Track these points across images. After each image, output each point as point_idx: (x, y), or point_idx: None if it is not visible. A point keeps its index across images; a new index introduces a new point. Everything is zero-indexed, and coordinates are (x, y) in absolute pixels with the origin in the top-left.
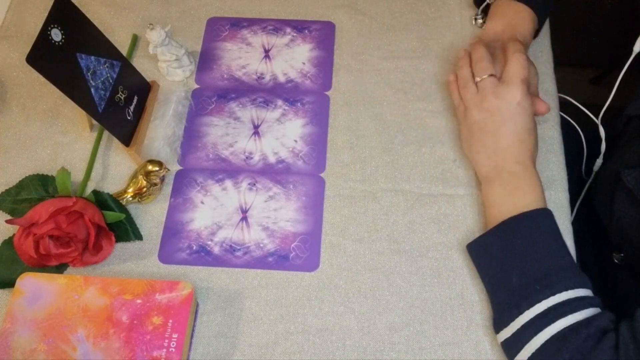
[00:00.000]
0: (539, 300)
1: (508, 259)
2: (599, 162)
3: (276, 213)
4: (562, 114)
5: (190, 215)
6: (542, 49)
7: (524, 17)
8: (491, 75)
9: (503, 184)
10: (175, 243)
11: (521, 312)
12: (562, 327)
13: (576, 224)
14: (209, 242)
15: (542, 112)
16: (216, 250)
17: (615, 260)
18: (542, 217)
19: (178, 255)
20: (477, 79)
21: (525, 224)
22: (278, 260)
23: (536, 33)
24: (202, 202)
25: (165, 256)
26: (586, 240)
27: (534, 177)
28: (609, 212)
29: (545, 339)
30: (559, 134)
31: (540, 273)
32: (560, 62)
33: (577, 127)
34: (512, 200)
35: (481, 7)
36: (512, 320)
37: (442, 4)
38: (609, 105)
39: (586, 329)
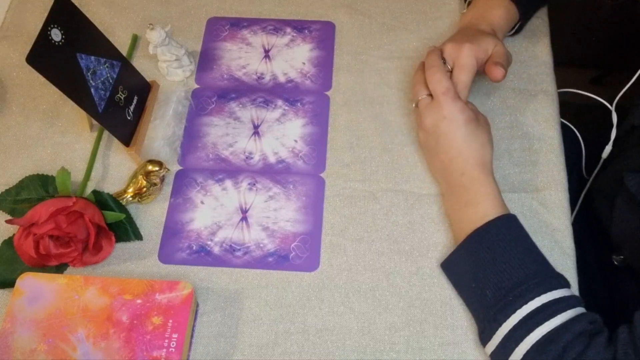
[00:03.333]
0: (513, 311)
1: (480, 273)
2: (608, 148)
3: (276, 213)
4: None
5: (190, 215)
6: (542, 49)
7: (495, 6)
8: (427, 95)
9: (456, 198)
10: (175, 243)
11: (499, 325)
12: (539, 336)
13: (576, 225)
14: (209, 242)
15: (496, 77)
16: (216, 250)
17: (615, 262)
18: (503, 224)
19: (178, 255)
20: (415, 103)
21: (487, 236)
22: (278, 260)
23: (522, 25)
24: (202, 202)
25: (165, 256)
26: (586, 241)
27: (485, 185)
28: (609, 215)
29: (526, 349)
30: (558, 134)
31: (511, 283)
32: (560, 62)
33: (574, 128)
34: (467, 214)
35: (467, 2)
36: (493, 333)
37: (442, 4)
38: (601, 105)
39: (564, 335)
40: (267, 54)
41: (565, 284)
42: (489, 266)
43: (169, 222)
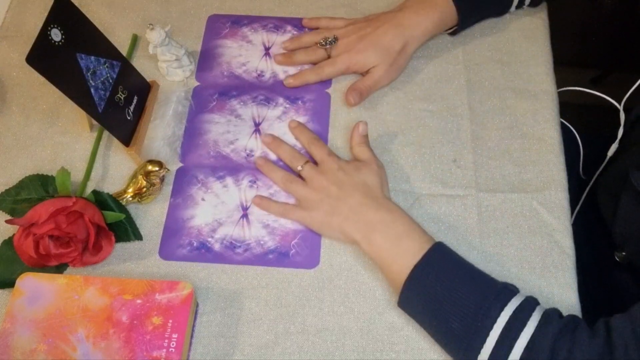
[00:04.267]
0: (487, 334)
1: (437, 308)
2: (614, 147)
3: None
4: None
5: (191, 212)
6: (542, 49)
7: (432, 6)
8: (306, 162)
9: (383, 235)
10: (176, 239)
11: (478, 353)
12: (522, 349)
13: (576, 225)
14: (210, 239)
15: (348, 103)
16: (217, 247)
17: (617, 259)
18: (441, 250)
19: (179, 251)
20: (299, 169)
21: (433, 266)
22: (278, 257)
23: (460, 28)
24: (202, 199)
25: (166, 252)
26: (586, 240)
27: (402, 213)
28: (613, 211)
29: None
30: (558, 134)
31: (473, 306)
32: (560, 62)
33: (572, 128)
34: (403, 248)
35: None
36: None
37: None
38: (606, 105)
39: (545, 340)
40: (267, 52)
41: (513, 288)
42: (444, 298)
43: (169, 219)
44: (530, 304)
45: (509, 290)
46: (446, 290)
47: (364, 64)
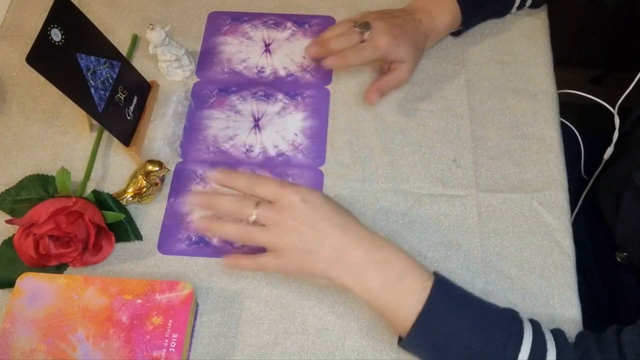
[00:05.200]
0: None
1: (452, 350)
2: (609, 150)
3: None
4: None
5: (189, 207)
6: (542, 49)
7: (444, 10)
8: (257, 204)
9: (380, 280)
10: (174, 234)
11: None
12: None
13: (576, 225)
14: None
15: (369, 102)
16: (215, 240)
17: (618, 259)
18: (442, 288)
19: (177, 246)
20: (252, 218)
21: (439, 311)
22: None
23: (463, 29)
24: None
25: (165, 247)
26: (586, 240)
27: (393, 248)
28: (614, 211)
29: None
30: (558, 134)
31: (485, 353)
32: (560, 62)
33: (574, 128)
34: (404, 287)
35: None
36: None
37: None
38: (602, 105)
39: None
40: (267, 48)
41: (514, 314)
42: (454, 345)
43: (168, 214)
44: (538, 340)
45: (517, 325)
46: (454, 335)
47: (399, 56)
